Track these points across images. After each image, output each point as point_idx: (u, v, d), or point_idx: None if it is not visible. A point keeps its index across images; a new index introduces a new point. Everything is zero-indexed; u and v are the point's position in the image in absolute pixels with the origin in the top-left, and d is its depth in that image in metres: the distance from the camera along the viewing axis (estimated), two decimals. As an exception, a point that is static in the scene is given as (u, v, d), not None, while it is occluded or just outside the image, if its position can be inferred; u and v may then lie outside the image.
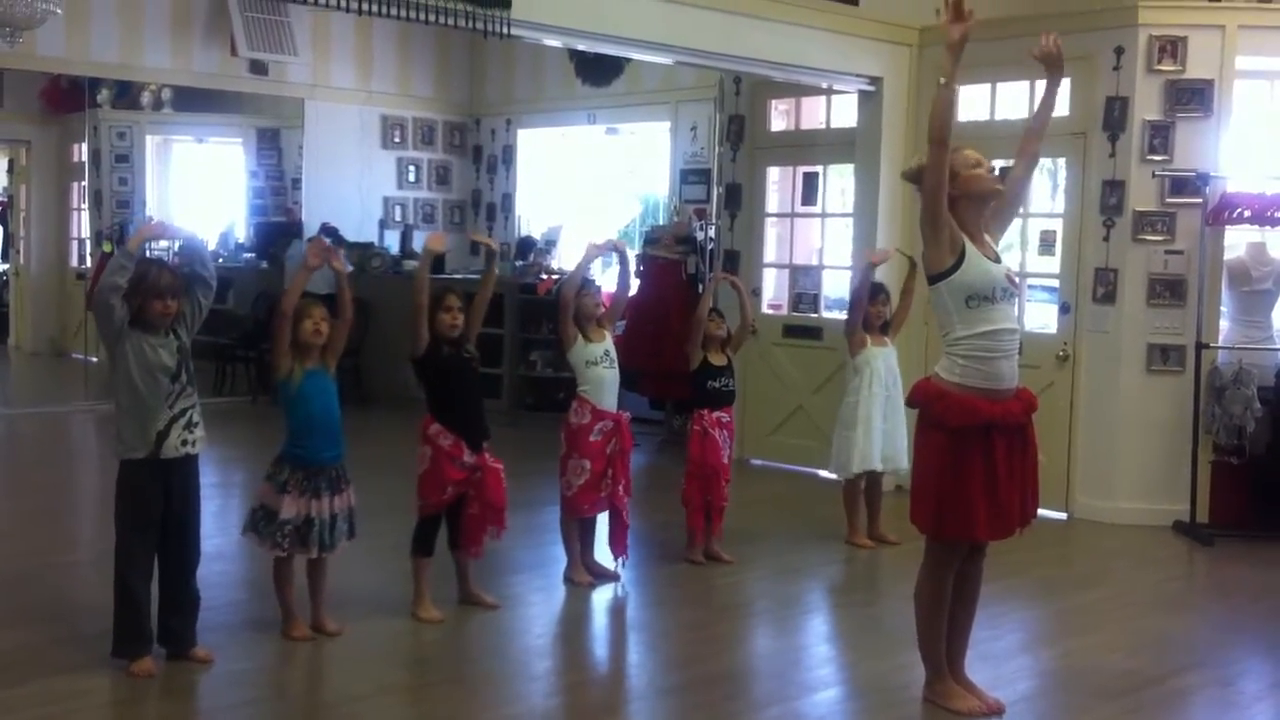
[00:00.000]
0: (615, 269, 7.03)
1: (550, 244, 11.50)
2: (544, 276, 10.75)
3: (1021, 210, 7.97)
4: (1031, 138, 4.49)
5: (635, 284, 10.03)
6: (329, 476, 4.93)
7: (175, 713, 4.38)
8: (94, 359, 11.97)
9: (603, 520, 6.03)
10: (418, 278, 5.28)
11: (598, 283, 6.44)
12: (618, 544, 5.99)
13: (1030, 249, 8.06)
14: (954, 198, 4.21)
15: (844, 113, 8.74)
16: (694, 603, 5.84)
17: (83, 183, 12.73)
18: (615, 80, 11.21)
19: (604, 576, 5.98)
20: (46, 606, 5.32)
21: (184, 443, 4.56)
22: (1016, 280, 4.42)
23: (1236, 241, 7.65)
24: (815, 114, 9.12)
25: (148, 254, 11.43)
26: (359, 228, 12.00)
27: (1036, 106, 4.54)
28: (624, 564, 6.03)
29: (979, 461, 4.19)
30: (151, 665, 4.52)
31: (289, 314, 4.83)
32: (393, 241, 12.15)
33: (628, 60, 10.39)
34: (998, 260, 4.28)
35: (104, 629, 4.62)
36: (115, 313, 4.46)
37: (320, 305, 5.03)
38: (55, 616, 5.17)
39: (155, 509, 4.55)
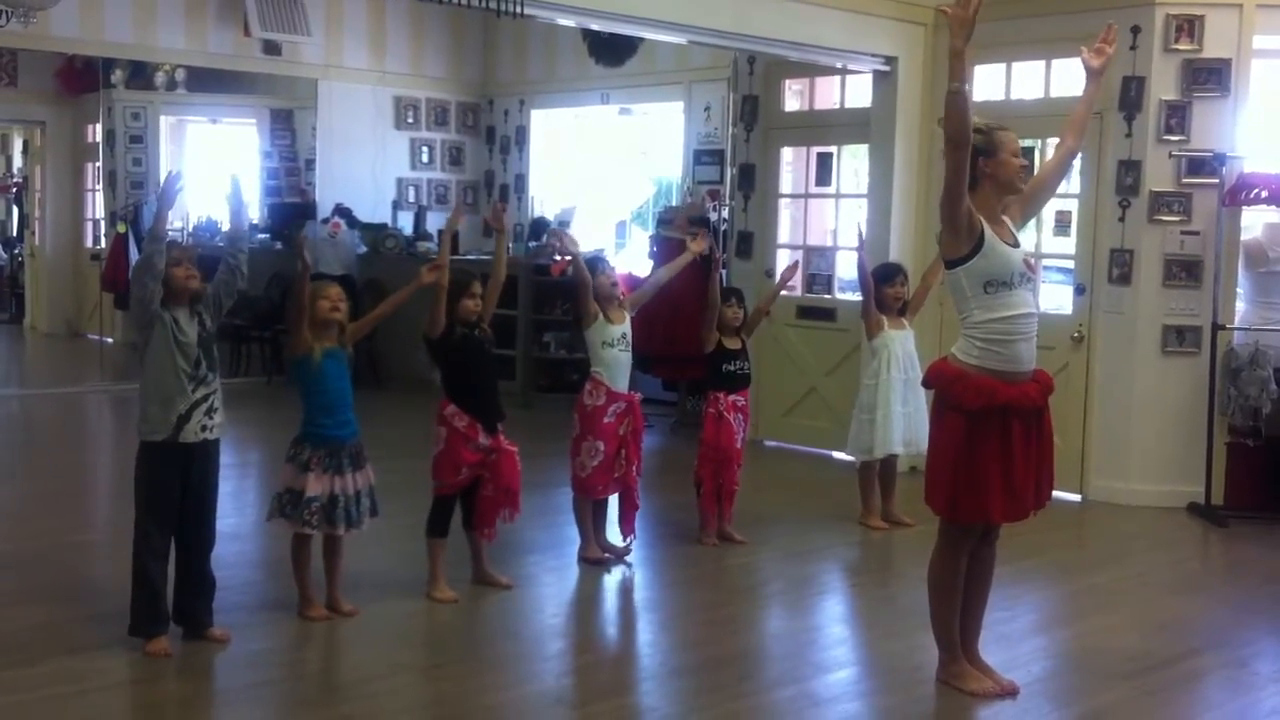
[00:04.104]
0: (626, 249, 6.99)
1: (563, 225, 11.45)
2: (557, 258, 10.73)
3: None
4: (1071, 130, 4.45)
5: (649, 266, 10.07)
6: (349, 453, 4.96)
7: (191, 692, 4.40)
8: (109, 340, 12.02)
9: (612, 499, 6.04)
10: (440, 260, 5.26)
11: (612, 263, 6.41)
12: (626, 523, 6.00)
13: (1046, 230, 8.03)
14: (983, 176, 4.17)
15: (858, 93, 8.70)
16: (707, 583, 5.85)
17: (97, 163, 12.75)
18: (629, 60, 11.16)
19: (616, 555, 5.99)
20: (62, 586, 5.35)
21: (204, 428, 4.58)
22: (1034, 264, 4.37)
23: (1253, 222, 7.61)
24: (829, 94, 9.08)
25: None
26: (372, 209, 12.01)
27: (1080, 102, 4.50)
28: (632, 542, 6.05)
29: (995, 444, 4.18)
30: (167, 645, 4.54)
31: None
32: (406, 223, 12.16)
33: (641, 40, 10.36)
34: (1016, 245, 4.25)
35: (120, 608, 4.64)
36: (155, 296, 4.49)
37: (335, 285, 5.04)
38: (71, 596, 5.20)
39: (173, 491, 4.57)
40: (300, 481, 4.88)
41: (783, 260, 9.26)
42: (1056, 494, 4.58)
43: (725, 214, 9.64)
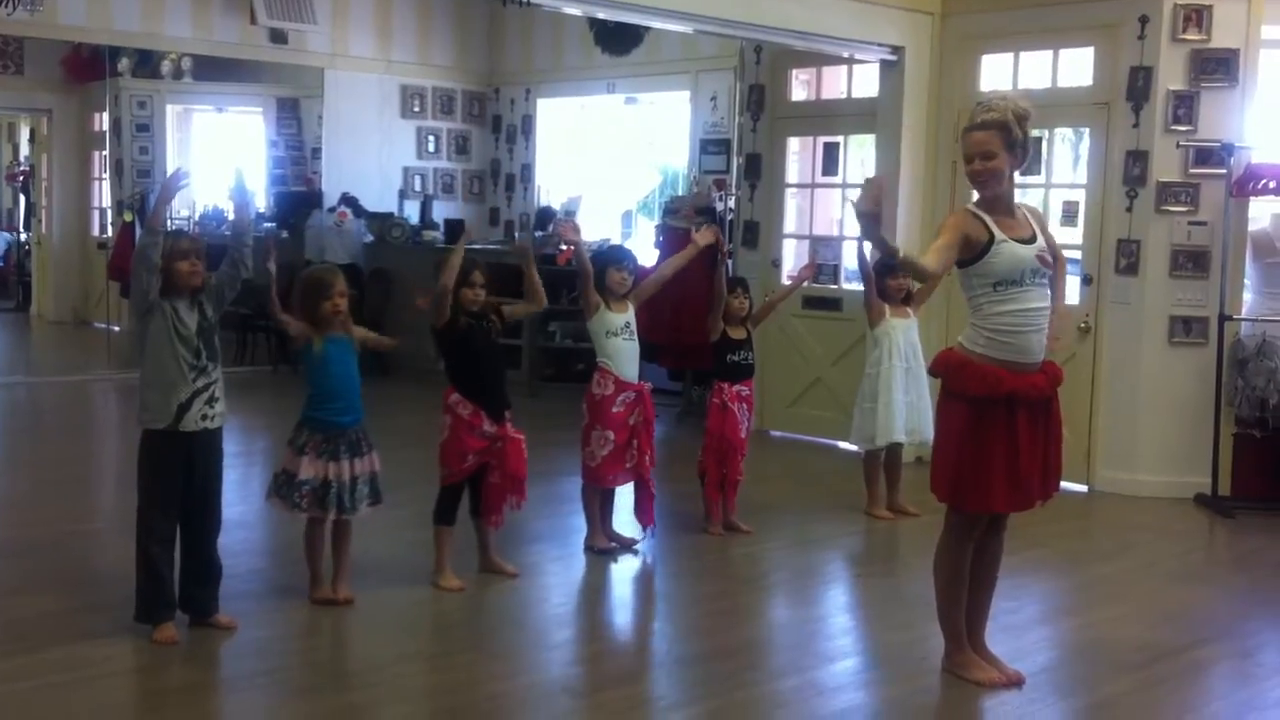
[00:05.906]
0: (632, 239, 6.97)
1: (569, 214, 11.42)
2: (563, 247, 10.71)
3: (1044, 181, 7.96)
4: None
5: (655, 256, 10.07)
6: (348, 440, 4.96)
7: (197, 680, 4.41)
8: (116, 328, 12.04)
9: (626, 490, 6.04)
10: (449, 262, 5.20)
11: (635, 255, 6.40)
12: (645, 514, 5.99)
13: (1053, 220, 8.00)
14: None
15: (865, 83, 8.68)
16: (713, 573, 5.86)
17: (104, 152, 12.75)
18: (635, 49, 11.14)
19: (623, 544, 5.99)
20: (69, 573, 5.36)
21: (204, 417, 4.58)
22: (1049, 260, 4.28)
23: (1261, 213, 7.59)
24: (836, 84, 9.06)
25: (169, 224, 11.41)
26: (379, 198, 12.01)
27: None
28: (653, 533, 6.04)
29: (1000, 433, 4.17)
30: (174, 632, 4.55)
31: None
32: (412, 212, 12.16)
33: (647, 29, 10.34)
34: (1032, 239, 4.20)
35: (126, 596, 4.65)
36: (152, 287, 4.49)
37: (340, 278, 5.04)
38: (78, 583, 5.21)
39: (175, 478, 4.57)
40: (295, 464, 4.90)
41: (789, 250, 9.27)
42: (1063, 485, 4.57)
43: (731, 204, 9.62)
